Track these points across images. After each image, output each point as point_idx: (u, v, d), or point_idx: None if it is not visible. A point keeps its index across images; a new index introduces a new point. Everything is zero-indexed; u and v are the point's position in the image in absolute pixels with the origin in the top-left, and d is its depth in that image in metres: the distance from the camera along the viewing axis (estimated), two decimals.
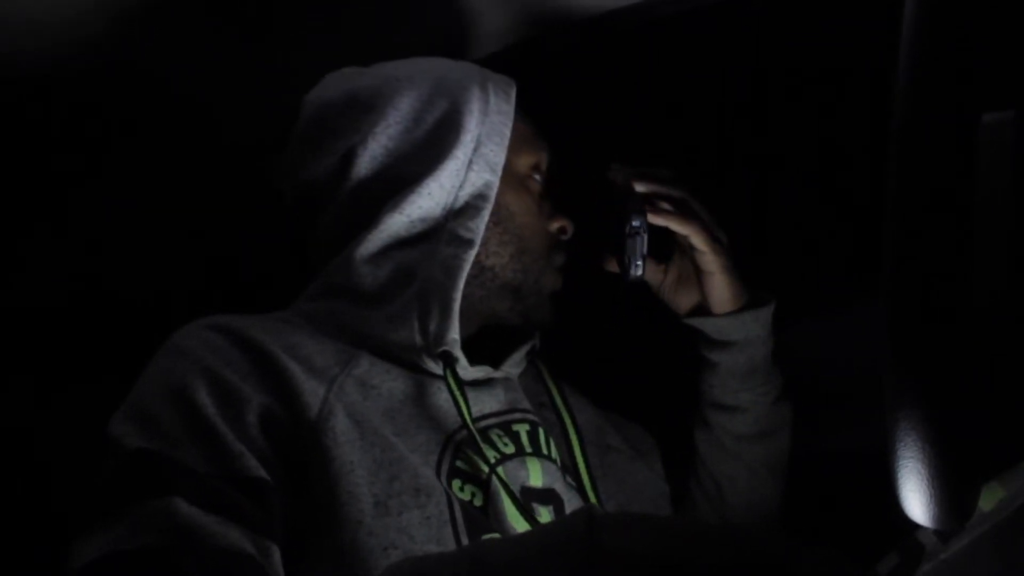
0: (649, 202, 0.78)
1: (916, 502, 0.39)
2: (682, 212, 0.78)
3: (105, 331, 1.02)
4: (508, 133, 0.75)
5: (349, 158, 0.74)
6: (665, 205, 0.79)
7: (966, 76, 0.35)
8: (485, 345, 0.76)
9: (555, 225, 0.80)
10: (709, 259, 0.78)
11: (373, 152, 0.73)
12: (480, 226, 0.71)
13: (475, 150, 0.73)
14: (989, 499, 0.48)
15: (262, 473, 0.58)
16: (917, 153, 0.36)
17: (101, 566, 0.52)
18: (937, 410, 0.37)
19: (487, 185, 0.73)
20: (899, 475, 0.39)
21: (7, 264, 0.99)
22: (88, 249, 1.04)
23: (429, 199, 0.71)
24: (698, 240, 0.77)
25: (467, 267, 0.70)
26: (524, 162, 0.78)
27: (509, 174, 0.76)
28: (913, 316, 0.37)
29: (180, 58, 0.86)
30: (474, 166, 0.72)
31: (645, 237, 0.78)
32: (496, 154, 0.74)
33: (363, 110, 0.74)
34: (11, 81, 0.83)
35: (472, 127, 0.73)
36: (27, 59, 0.81)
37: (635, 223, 0.78)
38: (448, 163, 0.72)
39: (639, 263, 0.78)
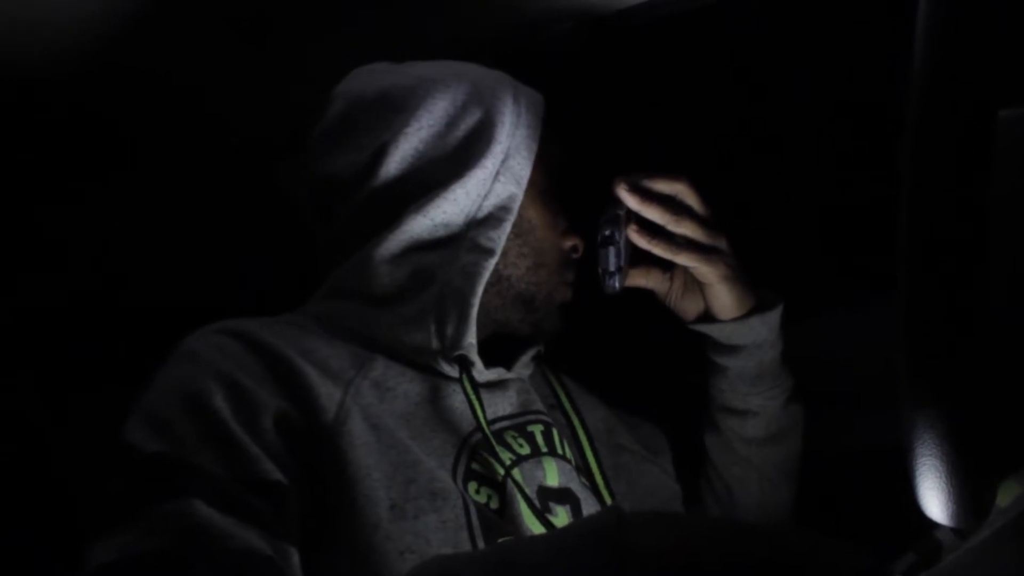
0: (635, 220, 0.77)
1: (934, 500, 0.38)
2: (668, 234, 0.77)
3: (111, 333, 1.02)
4: (535, 148, 0.75)
5: (379, 156, 0.73)
6: (656, 214, 0.77)
7: (982, 71, 0.35)
8: (494, 348, 0.76)
9: (569, 243, 0.80)
10: (703, 271, 0.77)
11: (404, 152, 0.73)
12: (501, 237, 0.72)
13: (503, 162, 0.73)
14: (1005, 496, 0.47)
15: (279, 477, 0.58)
16: (932, 149, 0.36)
17: (118, 568, 0.52)
18: (954, 408, 0.37)
19: (511, 197, 0.73)
20: (916, 473, 0.38)
21: (9, 265, 0.99)
22: (91, 252, 1.04)
23: (454, 205, 0.71)
24: (683, 260, 0.77)
25: (486, 275, 0.70)
26: (546, 177, 0.78)
27: (532, 188, 0.76)
28: (929, 314, 0.37)
29: (181, 59, 0.86)
30: (500, 177, 0.73)
31: (620, 248, 0.76)
32: (522, 167, 0.74)
33: (395, 109, 0.74)
34: (12, 81, 0.83)
35: (503, 139, 0.73)
36: (28, 59, 0.81)
37: (606, 232, 0.76)
38: (476, 172, 0.72)
39: (613, 273, 0.76)
